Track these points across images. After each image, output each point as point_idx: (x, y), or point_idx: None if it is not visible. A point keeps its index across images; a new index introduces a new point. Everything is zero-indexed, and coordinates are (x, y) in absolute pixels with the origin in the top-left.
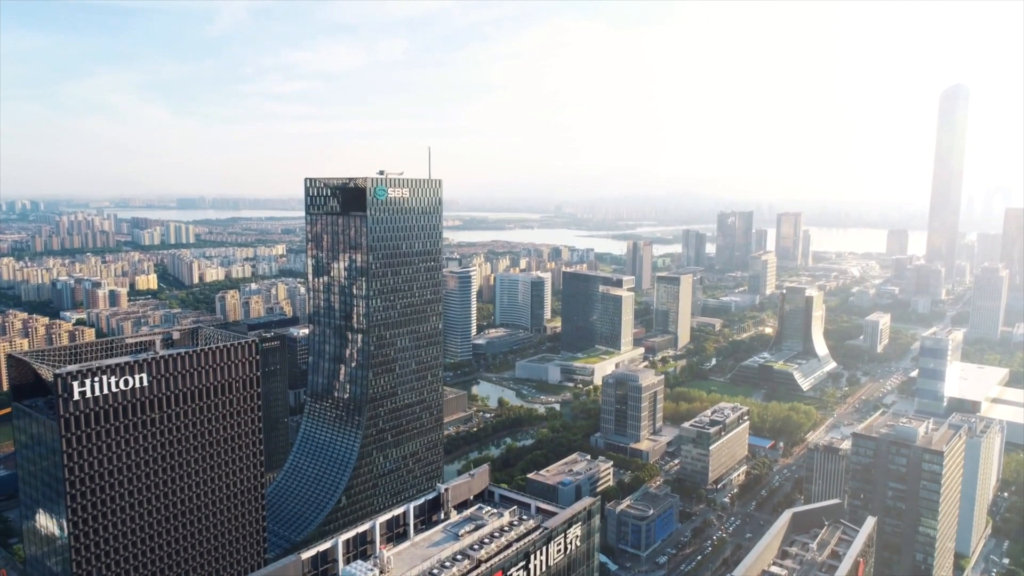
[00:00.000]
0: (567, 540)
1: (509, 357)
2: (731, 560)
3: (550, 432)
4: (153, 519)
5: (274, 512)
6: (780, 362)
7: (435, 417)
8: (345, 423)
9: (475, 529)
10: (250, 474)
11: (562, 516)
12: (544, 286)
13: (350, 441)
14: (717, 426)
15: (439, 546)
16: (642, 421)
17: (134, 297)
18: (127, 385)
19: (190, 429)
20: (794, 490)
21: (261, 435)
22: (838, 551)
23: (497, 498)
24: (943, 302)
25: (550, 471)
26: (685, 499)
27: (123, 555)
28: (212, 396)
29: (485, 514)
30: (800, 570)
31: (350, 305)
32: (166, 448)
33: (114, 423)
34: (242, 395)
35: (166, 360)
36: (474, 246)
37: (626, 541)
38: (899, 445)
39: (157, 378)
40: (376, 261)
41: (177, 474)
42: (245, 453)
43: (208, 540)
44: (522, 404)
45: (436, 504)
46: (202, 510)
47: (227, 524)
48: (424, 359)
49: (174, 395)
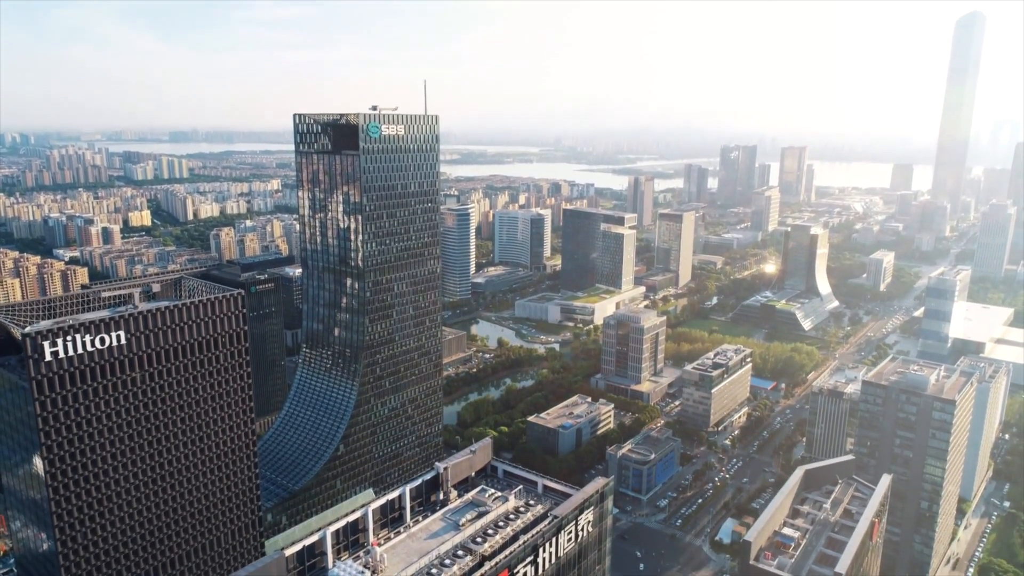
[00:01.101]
0: (578, 527)
1: (508, 296)
2: (732, 503)
3: (550, 373)
4: (139, 481)
5: (271, 461)
6: (782, 301)
7: (434, 363)
8: (342, 371)
9: (477, 517)
10: (240, 432)
11: (573, 501)
12: (544, 223)
13: (347, 389)
14: (720, 369)
15: (438, 537)
16: (643, 363)
17: (127, 234)
18: (103, 344)
19: (174, 388)
20: (795, 432)
21: (251, 391)
22: (851, 509)
23: (500, 474)
24: (947, 239)
25: (550, 414)
26: (686, 441)
27: (108, 520)
28: (196, 353)
29: (488, 498)
30: (813, 530)
31: (344, 249)
32: (149, 408)
33: (91, 384)
34: (229, 351)
35: (144, 316)
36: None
37: (627, 485)
38: (910, 393)
39: (136, 335)
40: (370, 203)
41: (163, 434)
42: (234, 411)
43: (198, 500)
44: (522, 344)
45: (435, 484)
46: (190, 470)
47: (218, 484)
48: (422, 304)
49: (155, 353)
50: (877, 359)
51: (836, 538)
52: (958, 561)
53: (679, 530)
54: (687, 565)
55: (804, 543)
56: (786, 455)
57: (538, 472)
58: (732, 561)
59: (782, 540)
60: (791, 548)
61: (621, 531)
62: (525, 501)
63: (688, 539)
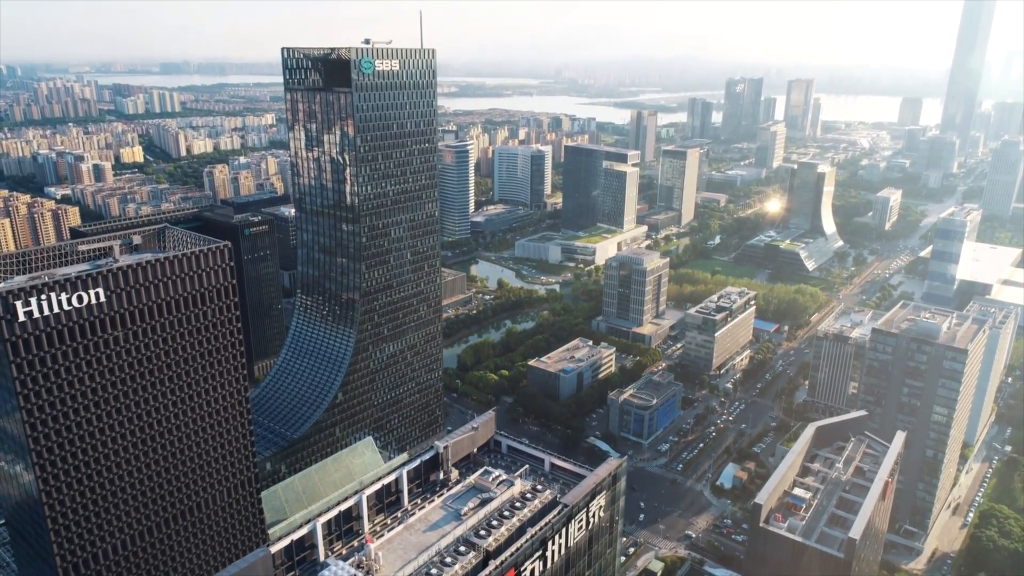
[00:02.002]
0: (589, 514)
1: (508, 235)
2: (733, 448)
3: (551, 315)
4: (127, 442)
5: (269, 409)
6: (787, 241)
7: (433, 309)
8: (338, 319)
9: (480, 505)
10: (231, 389)
11: (584, 487)
12: (544, 160)
13: (344, 337)
14: (723, 312)
15: (438, 529)
16: (645, 305)
17: (119, 171)
18: (81, 302)
19: (160, 347)
20: (798, 376)
21: (242, 348)
22: (863, 467)
23: (504, 449)
24: (954, 176)
25: (551, 358)
26: (687, 385)
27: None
28: (182, 309)
29: (492, 482)
30: (824, 490)
31: (338, 193)
32: (134, 368)
33: (70, 344)
34: (217, 306)
35: (125, 272)
36: (471, 115)
37: (628, 429)
38: (920, 342)
39: (116, 292)
40: (365, 144)
41: (150, 394)
42: (224, 368)
43: (191, 460)
44: (522, 285)
45: (434, 463)
46: (181, 429)
47: (211, 442)
48: (420, 249)
49: (137, 310)
50: (881, 300)
51: (848, 498)
52: (958, 506)
53: (680, 475)
54: (688, 510)
55: (815, 504)
56: (788, 399)
57: (542, 448)
58: (733, 506)
59: (793, 501)
60: (802, 510)
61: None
62: (532, 484)
63: (689, 484)
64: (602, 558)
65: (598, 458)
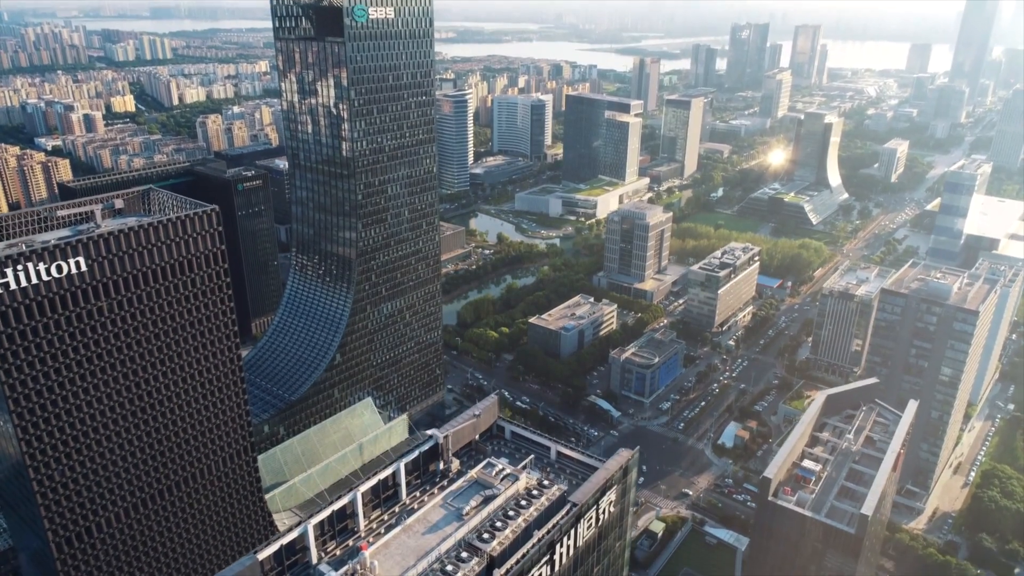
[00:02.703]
0: (599, 511)
1: (508, 188)
2: (735, 407)
3: (551, 271)
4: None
5: (266, 371)
6: (791, 194)
7: (432, 267)
8: (335, 279)
9: (484, 502)
10: (224, 358)
11: (594, 483)
12: (545, 110)
13: (341, 298)
14: (727, 269)
15: (438, 531)
16: (647, 260)
17: (111, 121)
18: (60, 272)
19: (147, 316)
20: (801, 333)
21: (233, 315)
22: (874, 437)
23: (508, 435)
24: (962, 126)
25: (552, 315)
26: (689, 342)
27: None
28: (169, 277)
29: (496, 476)
30: (834, 461)
31: (333, 148)
32: (121, 339)
33: (51, 316)
34: (205, 273)
35: (107, 239)
36: (469, 61)
37: (629, 388)
38: (931, 303)
39: (98, 261)
40: (359, 97)
41: (138, 365)
42: (215, 337)
43: (184, 431)
44: (522, 240)
45: (433, 453)
46: (172, 400)
47: (204, 412)
48: (418, 206)
49: (121, 279)
50: (886, 255)
51: (858, 469)
52: (959, 465)
53: (681, 434)
54: (689, 469)
55: (825, 476)
56: (791, 356)
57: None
58: (734, 466)
59: (802, 474)
60: (811, 482)
61: (624, 434)
62: (537, 479)
63: (690, 443)
64: (611, 552)
65: (599, 417)
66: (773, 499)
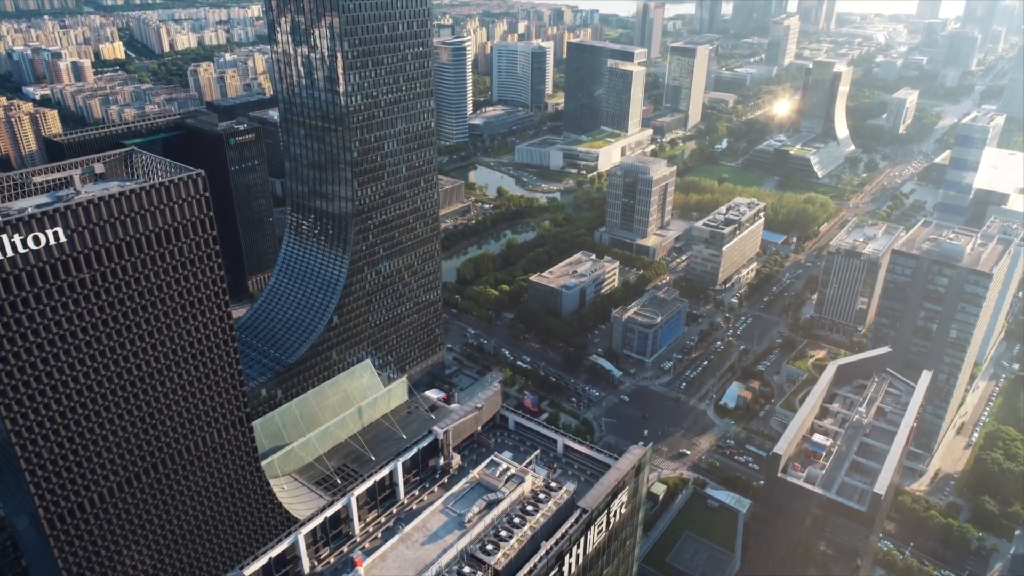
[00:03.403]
0: (610, 514)
1: (508, 139)
2: (737, 366)
3: (552, 226)
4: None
5: (263, 333)
6: (797, 146)
7: (431, 226)
8: (331, 239)
9: (487, 507)
10: (214, 328)
11: (604, 486)
12: (546, 57)
13: (337, 260)
14: (732, 225)
15: (438, 540)
16: (650, 216)
17: (100, 69)
18: (37, 244)
19: (132, 287)
20: (805, 290)
21: (223, 284)
22: (885, 408)
23: (512, 426)
24: (973, 74)
25: (553, 272)
26: (692, 300)
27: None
28: (153, 247)
29: (500, 477)
30: (845, 434)
31: (326, 103)
32: (105, 312)
33: (30, 291)
34: (192, 241)
35: (86, 208)
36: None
37: (631, 347)
38: (942, 265)
39: (78, 231)
40: (352, 49)
41: (125, 338)
42: (205, 307)
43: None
44: (522, 194)
45: (433, 450)
46: (163, 373)
47: (196, 384)
48: (416, 163)
49: (104, 250)
50: (892, 210)
51: (869, 444)
52: (963, 426)
53: (683, 394)
54: (690, 430)
55: (835, 451)
56: (794, 314)
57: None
58: (736, 426)
59: (812, 448)
60: (821, 457)
61: (625, 394)
62: (544, 479)
63: (692, 403)
64: (621, 551)
65: (600, 377)
66: (782, 475)
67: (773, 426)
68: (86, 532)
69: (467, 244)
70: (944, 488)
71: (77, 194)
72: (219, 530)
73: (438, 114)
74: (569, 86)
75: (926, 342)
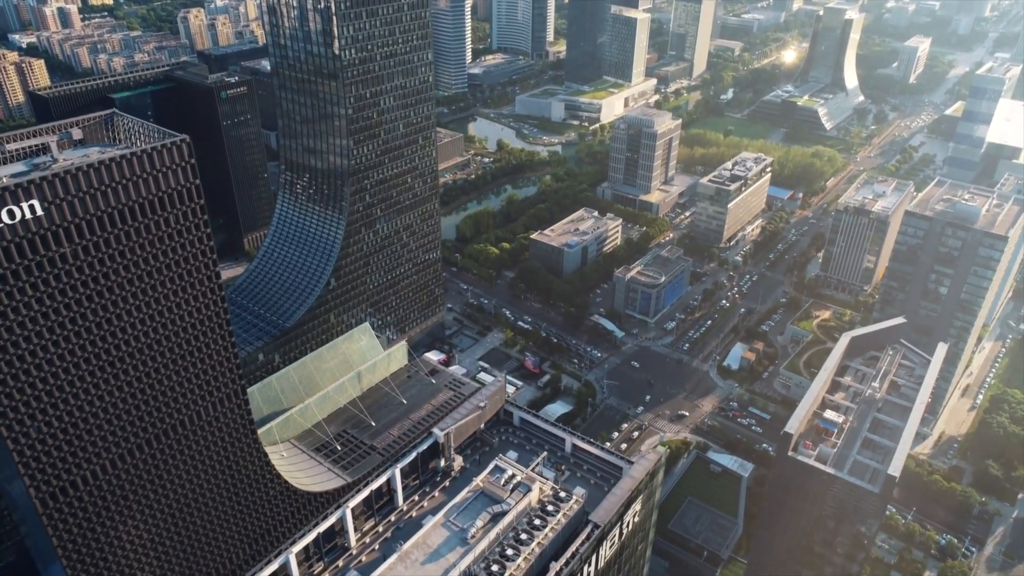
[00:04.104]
0: (623, 525)
1: (508, 89)
2: (741, 326)
3: (553, 181)
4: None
5: (259, 296)
6: (805, 97)
7: (429, 185)
8: (327, 200)
9: (491, 521)
10: (205, 301)
11: (618, 496)
12: (547, 2)
13: (333, 221)
14: (738, 181)
15: (439, 559)
16: (654, 171)
17: (87, 15)
18: (12, 218)
19: (116, 262)
20: (810, 248)
21: (213, 255)
22: (898, 382)
23: (517, 422)
24: (986, 20)
25: (554, 230)
26: (696, 258)
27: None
28: (137, 218)
29: (505, 486)
30: (857, 410)
31: (319, 58)
32: (89, 287)
33: (8, 267)
34: (179, 211)
35: (63, 178)
36: None
37: (634, 307)
38: (956, 227)
39: (55, 203)
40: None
41: (112, 313)
42: (194, 279)
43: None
44: (523, 147)
45: (433, 451)
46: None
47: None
48: (413, 120)
49: (84, 222)
50: (901, 164)
51: (882, 420)
52: (968, 387)
53: (686, 354)
54: (693, 392)
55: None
56: (800, 273)
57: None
58: (739, 388)
59: (823, 425)
60: (833, 435)
61: (628, 355)
62: (552, 487)
63: (695, 364)
64: (633, 557)
65: (602, 337)
66: (793, 454)
67: (776, 388)
68: (80, 510)
69: (467, 200)
70: (948, 451)
71: (55, 162)
72: (217, 503)
73: (436, 63)
74: (571, 33)
75: (936, 306)
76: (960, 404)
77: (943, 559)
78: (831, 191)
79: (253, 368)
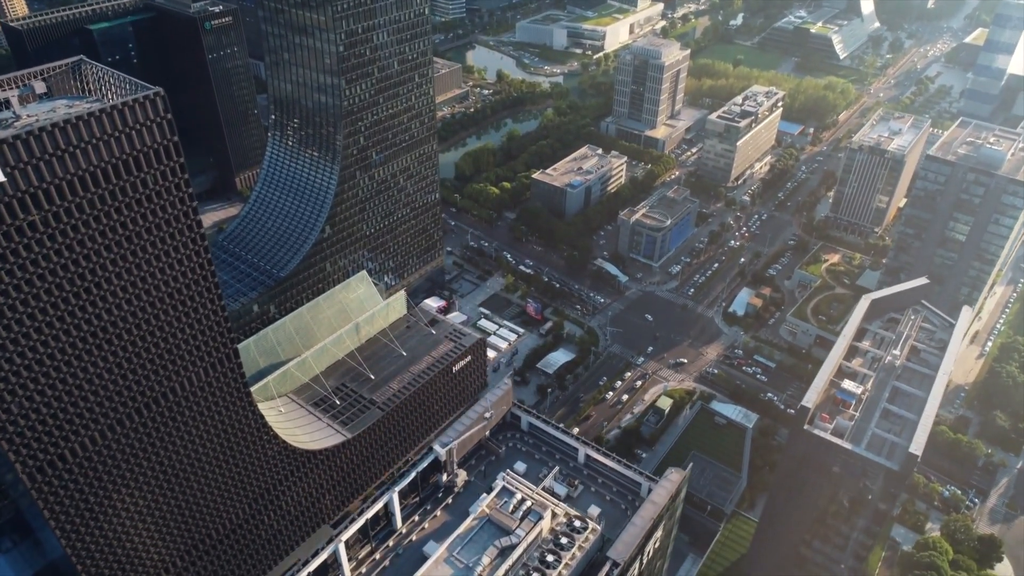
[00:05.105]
0: (644, 555)
1: (508, 14)
2: (747, 270)
3: (555, 115)
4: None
5: (252, 246)
6: (818, 24)
7: (427, 125)
8: (319, 143)
9: (499, 556)
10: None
11: (639, 527)
12: None
13: (326, 166)
14: (748, 118)
15: None
16: (660, 105)
17: None
18: None
19: (91, 228)
20: (820, 187)
21: (196, 217)
22: (919, 347)
23: (525, 427)
24: None
25: (557, 169)
26: (702, 197)
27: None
28: (111, 180)
29: (514, 513)
30: (876, 379)
31: None
32: (64, 256)
33: None
34: (157, 171)
35: (26, 140)
36: None
37: (638, 251)
38: (979, 173)
39: (19, 168)
40: None
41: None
42: (178, 243)
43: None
44: (524, 78)
45: (435, 467)
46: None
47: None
48: (408, 56)
49: (53, 187)
50: (916, 96)
51: (902, 389)
52: (976, 334)
53: (691, 300)
54: (698, 339)
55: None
56: (809, 214)
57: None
58: (745, 335)
59: (841, 396)
60: (851, 407)
61: (631, 300)
62: (566, 511)
63: (700, 310)
64: (652, 574)
65: (605, 282)
66: (809, 428)
67: (783, 335)
68: (71, 481)
69: (465, 135)
70: (954, 400)
71: (16, 119)
72: (214, 467)
73: None
74: None
75: (953, 254)
76: (968, 351)
77: (946, 511)
78: (843, 125)
79: (248, 320)
